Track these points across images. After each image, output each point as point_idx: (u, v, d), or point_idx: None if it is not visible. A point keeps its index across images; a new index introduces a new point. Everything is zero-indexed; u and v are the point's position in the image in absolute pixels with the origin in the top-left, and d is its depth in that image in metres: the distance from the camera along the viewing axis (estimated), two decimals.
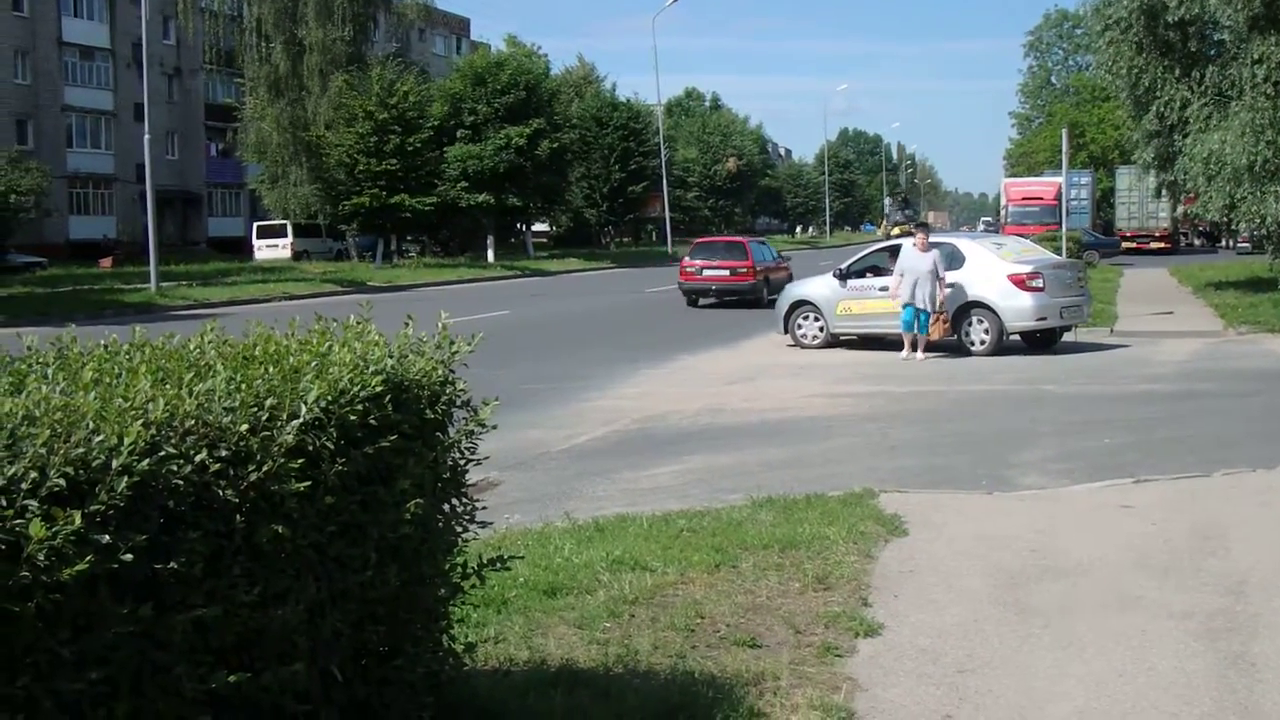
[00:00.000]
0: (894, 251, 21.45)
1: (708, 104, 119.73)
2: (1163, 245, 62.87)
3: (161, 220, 46.57)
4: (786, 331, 21.74)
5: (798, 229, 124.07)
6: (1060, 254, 28.04)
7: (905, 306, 19.23)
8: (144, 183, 38.94)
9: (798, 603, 6.36)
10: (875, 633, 5.92)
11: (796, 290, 22.19)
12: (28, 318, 26.44)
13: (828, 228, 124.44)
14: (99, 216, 64.40)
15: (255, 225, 63.01)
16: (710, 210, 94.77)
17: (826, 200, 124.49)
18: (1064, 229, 35.00)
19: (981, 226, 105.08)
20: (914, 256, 19.28)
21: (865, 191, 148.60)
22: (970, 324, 19.78)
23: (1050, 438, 12.13)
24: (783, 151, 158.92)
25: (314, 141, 52.89)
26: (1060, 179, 37.73)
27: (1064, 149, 30.30)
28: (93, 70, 65.00)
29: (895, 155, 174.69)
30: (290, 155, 53.85)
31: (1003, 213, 64.83)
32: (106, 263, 52.53)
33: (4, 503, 2.56)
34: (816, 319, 21.40)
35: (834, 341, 21.33)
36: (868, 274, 21.27)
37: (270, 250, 58.54)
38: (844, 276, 21.17)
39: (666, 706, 4.81)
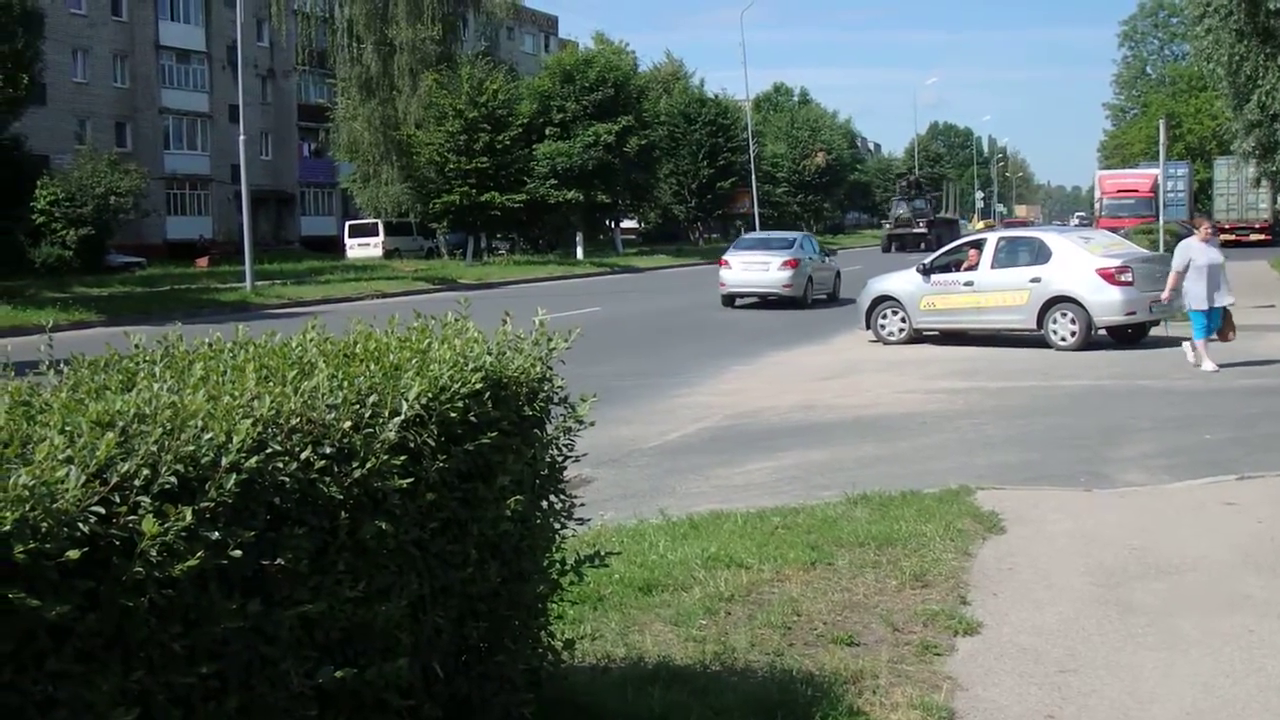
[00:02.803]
0: (977, 245, 21.19)
1: (796, 98, 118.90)
2: (1262, 237, 61.21)
3: (256, 220, 47.35)
4: (868, 327, 21.53)
5: (882, 224, 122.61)
6: (1157, 248, 27.46)
7: (1196, 312, 16.69)
8: (239, 183, 39.64)
9: (895, 600, 6.29)
10: (975, 631, 5.84)
11: (879, 285, 21.96)
12: (128, 317, 26.97)
13: None
14: (195, 217, 65.63)
15: (347, 224, 63.84)
16: (799, 205, 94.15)
17: None
18: (1160, 221, 34.26)
19: (1075, 221, 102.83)
20: (1203, 250, 16.83)
21: (956, 185, 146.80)
22: (1056, 319, 19.49)
23: (1149, 433, 11.88)
24: (872, 146, 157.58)
25: (405, 140, 53.42)
26: (1156, 170, 36.92)
27: (1161, 140, 29.68)
28: (189, 73, 66.24)
29: (986, 149, 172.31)
30: (381, 154, 54.42)
31: (1097, 205, 63.48)
32: (203, 262, 53.51)
33: (118, 499, 2.59)
34: (899, 314, 21.18)
35: (917, 337, 21.09)
36: (951, 268, 21.04)
37: (362, 249, 59.29)
38: (928, 271, 20.94)
39: (765, 704, 4.78)
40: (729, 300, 30.64)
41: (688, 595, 6.29)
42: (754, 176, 72.88)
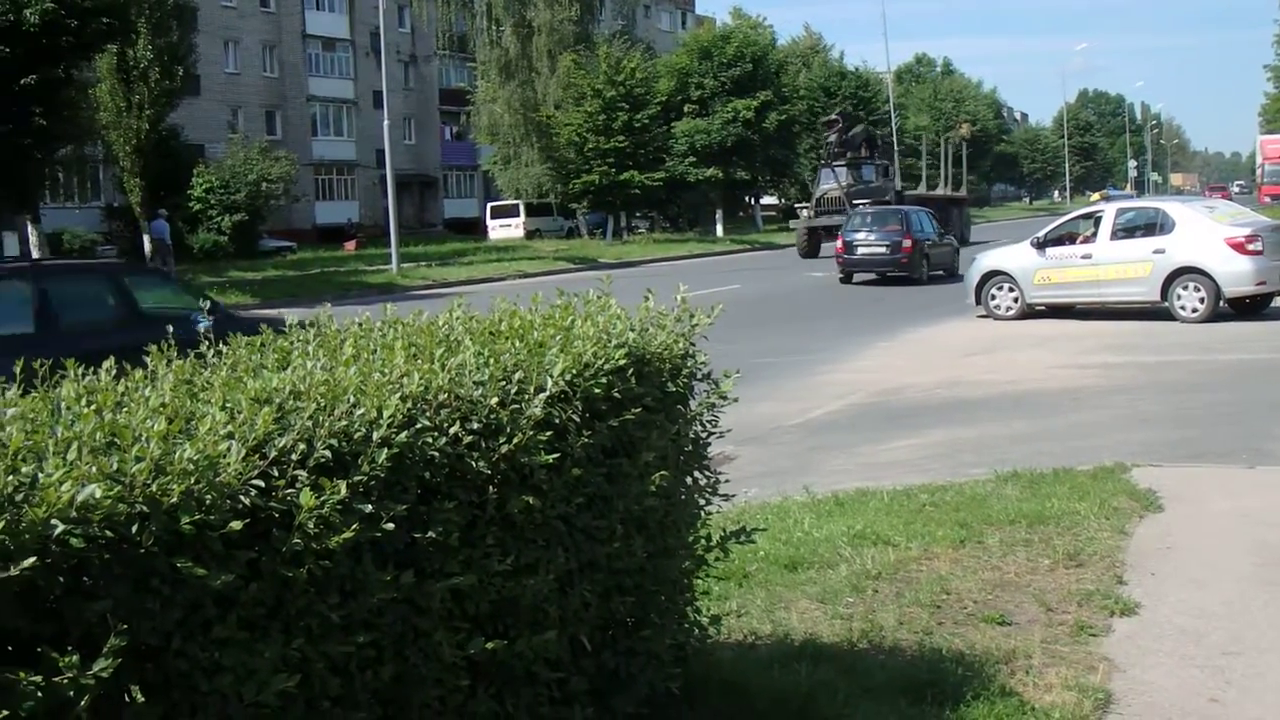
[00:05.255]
0: (1092, 218, 20.62)
1: (939, 69, 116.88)
2: None
3: (400, 203, 48.31)
4: (978, 303, 21.08)
5: (1027, 196, 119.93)
6: None
7: None
8: (384, 168, 40.39)
9: (1048, 580, 6.16)
10: (1132, 612, 5.68)
11: (989, 260, 21.49)
12: (280, 299, 27.73)
13: (1068, 193, 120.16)
14: (342, 201, 67.09)
15: (489, 206, 64.66)
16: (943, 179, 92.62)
17: (1066, 165, 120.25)
18: None
19: (1235, 189, 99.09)
20: None
21: (1107, 155, 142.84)
22: (1180, 291, 18.91)
23: None
24: (1018, 116, 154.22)
25: (544, 122, 53.90)
26: None
27: None
28: (334, 61, 67.66)
29: (1139, 116, 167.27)
30: (521, 136, 55.00)
31: (1259, 172, 61.10)
32: (350, 245, 54.71)
33: (276, 473, 2.66)
34: (1011, 289, 20.72)
35: (1029, 312, 20.58)
36: (1065, 241, 20.53)
37: (503, 230, 60.02)
38: (1042, 245, 20.45)
39: (914, 683, 4.72)
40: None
41: (834, 573, 6.24)
42: (895, 150, 71.89)
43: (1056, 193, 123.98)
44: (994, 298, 20.88)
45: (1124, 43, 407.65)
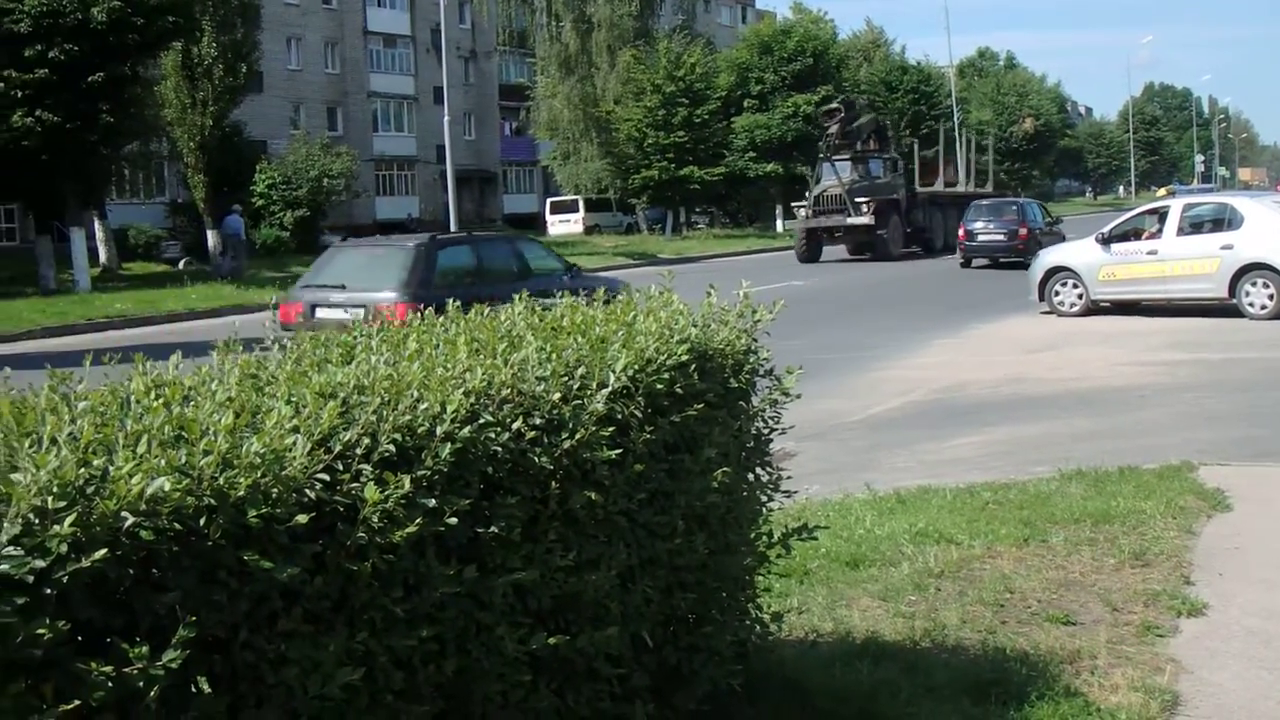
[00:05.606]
0: (1158, 214, 20.34)
1: (1001, 63, 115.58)
2: None
3: (460, 199, 48.51)
4: (1042, 299, 20.85)
5: (1088, 191, 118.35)
6: None
7: None
8: (444, 163, 40.62)
9: (1113, 579, 6.08)
10: (1199, 612, 5.60)
11: (1052, 256, 21.26)
12: None
13: (1133, 188, 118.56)
14: (403, 196, 67.49)
15: (548, 201, 64.83)
16: (1006, 174, 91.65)
17: (1131, 159, 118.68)
18: None
19: None
20: None
21: (1173, 149, 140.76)
22: (1249, 288, 18.62)
23: None
24: (1083, 110, 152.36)
25: (603, 117, 53.96)
26: None
27: None
28: (395, 57, 68.06)
29: (1206, 109, 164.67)
30: (581, 131, 55.11)
31: None
32: None
33: (340, 467, 2.67)
34: (1075, 285, 20.47)
35: (1094, 309, 20.31)
36: (1130, 237, 20.26)
37: (563, 225, 60.15)
38: (1107, 241, 20.20)
39: (977, 682, 4.68)
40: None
41: (896, 570, 6.20)
42: (959, 144, 71.26)
43: (1121, 188, 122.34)
44: (1058, 294, 20.66)
45: (1191, 35, 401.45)
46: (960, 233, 34.24)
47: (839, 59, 63.37)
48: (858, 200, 38.24)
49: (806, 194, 41.37)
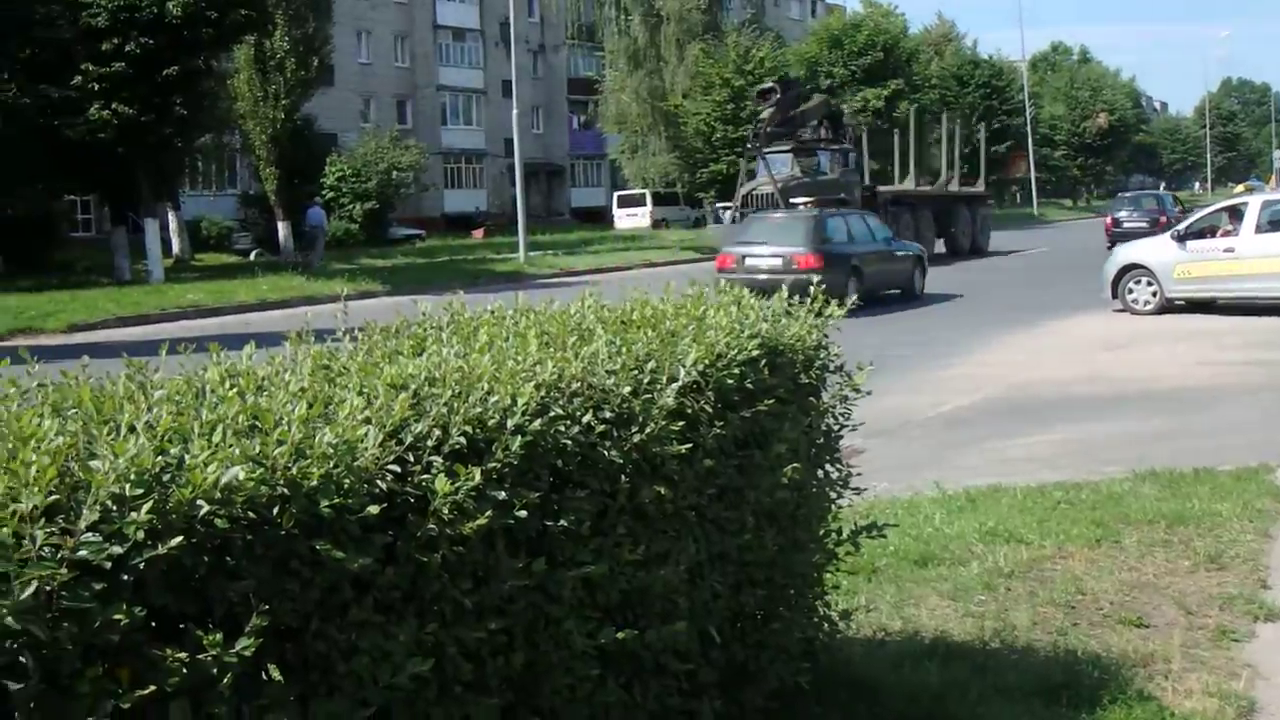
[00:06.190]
0: (1234, 211, 19.96)
1: (1075, 58, 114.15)
2: None
3: (528, 192, 48.65)
4: (1115, 296, 20.51)
5: (1162, 187, 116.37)
6: None
7: None
8: (512, 157, 40.69)
9: (1188, 582, 5.98)
10: (1277, 617, 5.50)
11: (1126, 254, 20.91)
12: (409, 287, 28.13)
13: (1209, 184, 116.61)
14: (470, 190, 67.88)
15: (615, 195, 64.89)
16: (1079, 169, 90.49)
17: (1207, 155, 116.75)
18: None
19: None
20: None
21: (1251, 145, 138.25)
22: None
23: None
24: (1157, 105, 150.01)
25: (672, 111, 53.89)
26: None
27: None
28: (464, 51, 68.45)
29: None
30: (649, 125, 55.10)
31: None
32: (478, 234, 55.34)
33: (411, 459, 2.67)
34: (1150, 283, 20.13)
35: (1168, 307, 19.97)
36: (1206, 234, 19.90)
37: (630, 219, 60.17)
38: (1182, 238, 19.86)
39: (1048, 684, 4.62)
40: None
41: (965, 570, 6.13)
42: (1030, 140, 70.51)
43: (1198, 184, 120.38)
44: (1131, 292, 20.36)
45: (1271, 30, 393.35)
46: (1107, 220, 38.29)
47: (909, 53, 62.85)
48: (794, 201, 30.58)
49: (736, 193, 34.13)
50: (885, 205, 33.18)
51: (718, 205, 36.64)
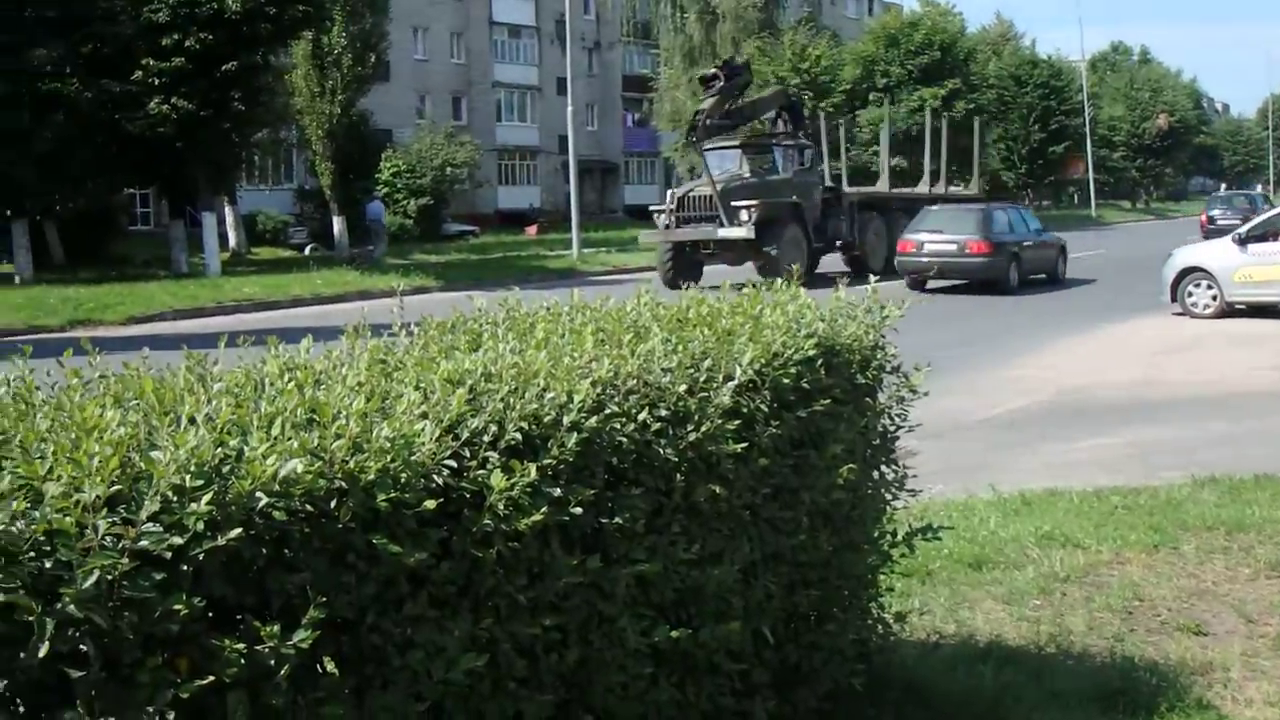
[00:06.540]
0: None
1: (1135, 58, 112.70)
2: None
3: (582, 189, 48.74)
4: (1174, 300, 20.21)
5: (1222, 188, 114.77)
6: None
7: None
8: (566, 153, 40.78)
9: (1248, 590, 5.89)
10: None
11: (1186, 256, 20.60)
12: (463, 282, 28.25)
13: (1271, 187, 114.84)
14: (524, 186, 68.03)
15: (669, 192, 64.74)
16: (1138, 171, 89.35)
17: (1270, 158, 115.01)
18: None
19: None
20: None
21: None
22: None
23: None
24: (1219, 106, 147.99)
25: None
26: None
27: None
28: (519, 48, 68.60)
29: None
30: None
31: None
32: (532, 230, 55.43)
33: (468, 454, 2.68)
34: (1210, 286, 19.84)
35: (1228, 310, 19.66)
36: (1269, 237, 19.59)
37: None
38: (1244, 241, 19.55)
39: (1104, 691, 4.56)
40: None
41: (1020, 574, 6.07)
42: (1089, 141, 69.77)
43: (1259, 186, 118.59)
44: (1191, 295, 20.09)
45: None
46: (1202, 218, 41.10)
47: (967, 52, 62.28)
48: (735, 205, 26.66)
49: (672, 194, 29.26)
50: (851, 209, 29.94)
51: (651, 207, 30.17)
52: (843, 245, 29.78)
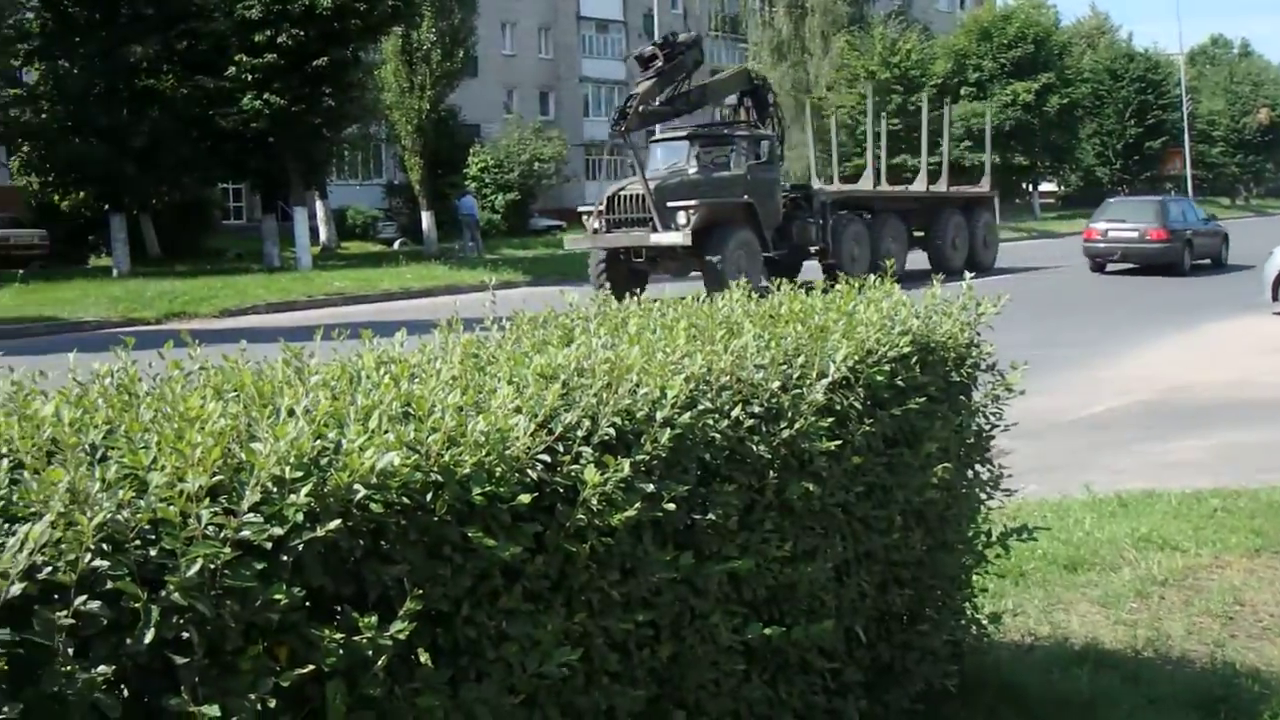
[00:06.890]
0: None
1: (1235, 51, 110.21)
2: None
3: None
4: (1275, 299, 19.67)
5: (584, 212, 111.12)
6: None
7: None
8: None
9: None
10: None
11: None
12: (549, 277, 28.38)
13: None
14: (611, 181, 68.06)
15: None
16: (1238, 167, 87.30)
17: None
18: None
19: None
20: None
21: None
22: None
23: None
24: None
25: (815, 103, 53.45)
26: None
27: None
28: (607, 42, 68.69)
29: None
30: (791, 118, 54.67)
31: None
32: None
33: (561, 449, 2.67)
34: None
35: None
36: None
37: None
38: None
39: (1204, 697, 4.46)
40: None
41: (1116, 576, 5.96)
42: (1187, 136, 68.36)
43: None
44: None
45: None
46: None
47: (1061, 46, 61.34)
48: (671, 205, 22.40)
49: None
50: (824, 210, 25.78)
51: (580, 209, 26.14)
52: (816, 252, 25.69)
